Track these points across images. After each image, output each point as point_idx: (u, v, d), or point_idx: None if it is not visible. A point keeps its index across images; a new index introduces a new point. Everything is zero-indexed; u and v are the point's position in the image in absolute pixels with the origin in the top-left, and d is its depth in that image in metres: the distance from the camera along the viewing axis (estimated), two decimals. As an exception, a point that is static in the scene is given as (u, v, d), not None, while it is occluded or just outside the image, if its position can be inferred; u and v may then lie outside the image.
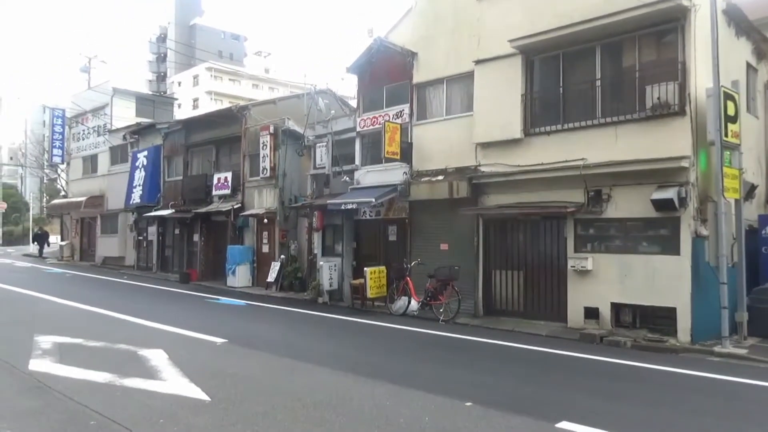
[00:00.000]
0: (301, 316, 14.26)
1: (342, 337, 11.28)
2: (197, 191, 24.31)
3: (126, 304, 15.06)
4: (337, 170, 18.04)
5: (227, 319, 13.34)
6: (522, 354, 9.72)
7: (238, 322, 12.83)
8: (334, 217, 17.93)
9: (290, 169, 20.68)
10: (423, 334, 11.66)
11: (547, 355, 9.61)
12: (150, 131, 28.20)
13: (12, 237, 55.03)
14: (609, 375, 8.29)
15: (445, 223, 14.66)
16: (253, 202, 21.73)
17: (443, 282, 13.52)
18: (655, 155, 10.96)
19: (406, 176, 15.50)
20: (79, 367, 7.57)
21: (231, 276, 21.01)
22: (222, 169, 23.72)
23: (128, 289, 19.59)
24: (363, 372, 7.72)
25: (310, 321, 13.43)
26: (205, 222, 24.15)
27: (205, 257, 24.21)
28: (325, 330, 12.17)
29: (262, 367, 8.03)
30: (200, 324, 11.74)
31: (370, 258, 17.03)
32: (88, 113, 33.61)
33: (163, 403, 6.12)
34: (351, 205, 15.94)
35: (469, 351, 10.06)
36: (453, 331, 11.86)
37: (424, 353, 9.71)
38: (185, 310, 14.59)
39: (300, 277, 19.29)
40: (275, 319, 13.71)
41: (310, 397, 6.45)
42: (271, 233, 21.10)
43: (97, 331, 10.44)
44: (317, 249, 18.73)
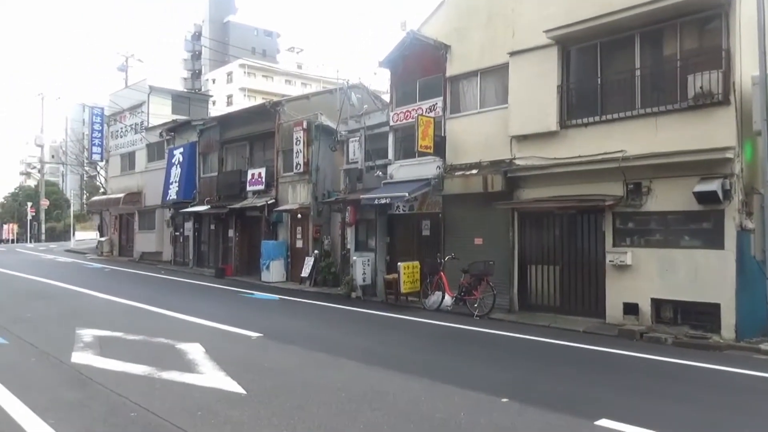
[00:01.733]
0: (334, 311, 14.26)
1: (376, 332, 11.27)
2: (232, 187, 24.52)
3: (163, 298, 15.28)
4: (370, 165, 18.01)
5: (262, 313, 13.42)
6: (559, 350, 9.59)
7: (272, 317, 12.89)
8: (367, 212, 17.90)
9: (323, 164, 20.73)
10: (457, 329, 11.60)
11: (584, 351, 9.49)
12: (185, 128, 28.59)
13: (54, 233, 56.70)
14: (649, 372, 8.14)
15: (479, 218, 14.58)
16: (286, 198, 21.83)
17: (478, 277, 13.45)
18: (697, 146, 10.71)
19: (439, 170, 15.44)
20: (119, 359, 7.72)
21: (265, 271, 21.14)
22: (256, 165, 23.90)
23: (165, 284, 19.83)
24: (397, 367, 7.69)
25: (344, 316, 13.43)
26: (239, 217, 24.37)
27: (240, 252, 24.45)
28: (358, 325, 12.18)
29: (297, 362, 8.05)
30: (235, 318, 11.81)
31: (404, 253, 16.97)
32: (125, 111, 34.29)
33: (200, 396, 6.19)
34: (384, 199, 15.91)
35: (504, 347, 9.96)
36: (488, 327, 11.77)
37: (459, 349, 9.64)
38: (221, 305, 14.69)
39: (333, 272, 19.34)
40: (309, 313, 13.73)
41: (345, 392, 6.44)
42: (304, 228, 21.17)
43: (136, 325, 10.60)
44: (350, 244, 18.71)
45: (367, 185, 18.00)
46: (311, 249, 20.53)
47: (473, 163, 14.77)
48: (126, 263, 29.52)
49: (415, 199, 16.19)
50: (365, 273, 17.17)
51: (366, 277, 17.17)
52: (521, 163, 13.60)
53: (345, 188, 19.07)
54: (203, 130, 27.27)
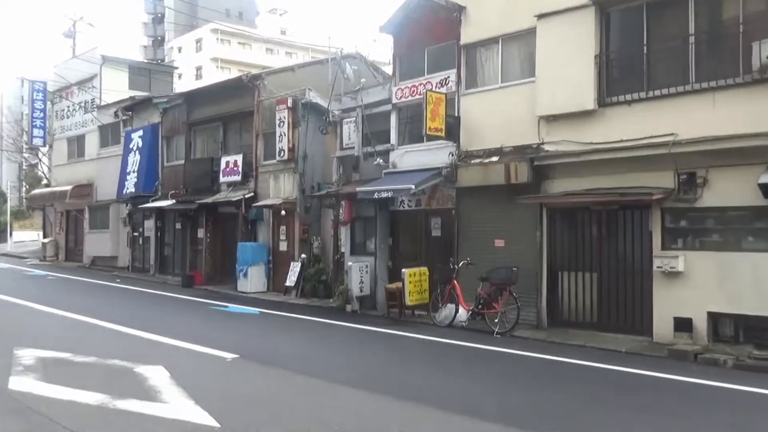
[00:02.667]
0: (325, 327, 14.38)
1: (376, 353, 11.36)
2: (202, 178, 24.71)
3: (119, 312, 15.31)
4: (368, 151, 18.01)
5: (238, 330, 13.53)
6: (598, 374, 9.67)
7: (251, 334, 13.01)
8: (365, 207, 18.01)
9: (312, 150, 20.84)
10: (475, 349, 11.68)
11: (628, 376, 9.51)
12: (146, 107, 28.74)
13: (-13, 233, 56.66)
14: (706, 401, 8.19)
15: (500, 215, 14.67)
16: (268, 191, 21.89)
17: (498, 287, 13.56)
18: (764, 129, 10.66)
19: (452, 158, 15.52)
20: (67, 386, 7.72)
21: (242, 279, 21.32)
22: (231, 152, 24.05)
23: (122, 295, 19.94)
24: (403, 395, 7.73)
25: (337, 333, 13.55)
26: (211, 215, 24.57)
27: (212, 257, 24.68)
28: (355, 344, 12.27)
29: (281, 388, 8.12)
30: (207, 336, 11.91)
31: (409, 257, 17.10)
32: (73, 86, 34.39)
33: (164, 430, 6.17)
34: (386, 193, 15.99)
35: (532, 371, 10.03)
36: (511, 347, 11.81)
37: (477, 373, 9.72)
38: (189, 320, 14.83)
39: (324, 281, 19.43)
40: (295, 330, 13.86)
41: (340, 425, 6.44)
42: (289, 228, 21.28)
43: (86, 344, 10.65)
44: (345, 247, 18.79)
45: (365, 176, 18.04)
46: (298, 253, 20.63)
47: (493, 149, 14.83)
48: (74, 270, 29.62)
49: (423, 192, 16.23)
50: (363, 282, 17.26)
51: (364, 286, 17.25)
52: (551, 148, 13.66)
53: (338, 179, 19.11)
54: (167, 109, 27.43)
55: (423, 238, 17.00)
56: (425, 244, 16.92)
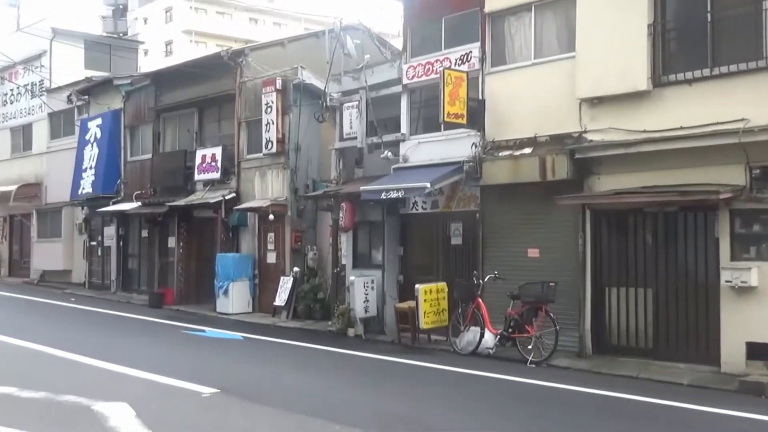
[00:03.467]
0: (324, 356, 14.42)
1: (387, 387, 11.33)
2: (173, 176, 24.60)
3: (75, 337, 15.33)
4: (374, 142, 17.97)
5: (218, 359, 13.54)
6: (657, 412, 9.62)
7: (233, 364, 13.00)
8: (370, 211, 18.00)
9: (306, 141, 20.83)
10: (505, 382, 11.67)
11: (695, 415, 9.51)
12: (105, 90, 28.79)
13: None
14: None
15: (534, 219, 14.70)
16: (253, 191, 21.92)
17: (533, 306, 13.55)
18: None
19: (476, 149, 15.56)
20: (10, 427, 7.66)
21: (222, 297, 21.29)
22: (208, 143, 23.96)
23: (78, 317, 19.95)
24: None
25: (338, 363, 13.57)
26: (184, 220, 24.53)
27: (185, 271, 24.61)
28: (360, 376, 12.24)
29: (271, 431, 7.97)
30: (180, 366, 11.93)
31: (424, 270, 17.07)
32: (17, 65, 34.46)
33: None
34: (395, 192, 15.96)
35: (574, 408, 10.01)
36: (549, 379, 11.73)
37: (508, 411, 9.71)
38: (158, 347, 14.83)
39: (321, 300, 19.40)
40: (286, 359, 13.88)
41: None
42: (279, 235, 21.17)
43: (35, 377, 10.62)
44: (346, 258, 18.71)
45: (371, 172, 18.01)
46: (289, 265, 20.54)
47: (525, 138, 14.83)
48: (19, 287, 29.73)
49: (441, 191, 16.22)
50: (368, 300, 17.25)
51: (369, 306, 17.25)
52: (595, 138, 13.69)
53: (338, 176, 19.06)
54: (131, 92, 27.48)
55: (441, 247, 16.99)
56: (443, 255, 16.89)
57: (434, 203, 16.85)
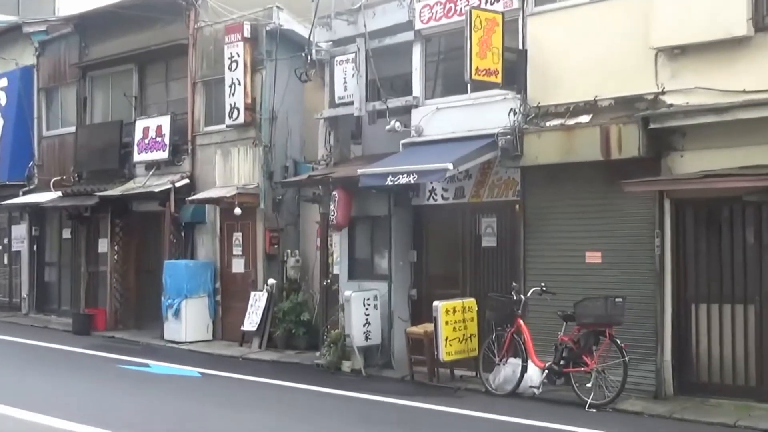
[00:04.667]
0: (310, 399, 14.02)
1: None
2: (105, 156, 23.62)
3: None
4: (377, 109, 16.96)
5: (168, 405, 13.09)
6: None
7: (188, 412, 12.51)
8: (372, 201, 17.18)
9: (285, 108, 19.86)
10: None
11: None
12: (12, 40, 27.58)
13: None
14: None
15: (594, 211, 14.08)
16: (212, 176, 20.95)
17: (593, 330, 12.92)
18: None
19: (515, 118, 14.66)
20: None
21: (172, 320, 20.37)
22: (152, 112, 23.10)
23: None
24: None
25: (329, 410, 13.08)
26: (120, 216, 23.56)
27: (123, 284, 23.62)
28: (360, 428, 11.76)
29: None
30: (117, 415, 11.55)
31: (446, 282, 16.37)
32: None
33: None
34: (406, 177, 14.94)
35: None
36: (617, 429, 11.33)
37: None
38: (87, 388, 14.36)
39: (307, 322, 18.53)
40: (261, 405, 13.32)
41: None
42: (248, 236, 20.25)
43: None
44: (339, 266, 17.76)
45: (372, 149, 17.32)
46: (263, 276, 19.59)
47: (582, 103, 14.14)
48: None
49: (468, 175, 15.53)
50: (369, 323, 16.25)
51: (371, 331, 16.28)
52: (677, 101, 12.96)
53: (328, 156, 18.14)
54: (46, 43, 26.37)
55: (468, 250, 16.13)
56: (471, 261, 16.09)
57: (459, 191, 16.02)
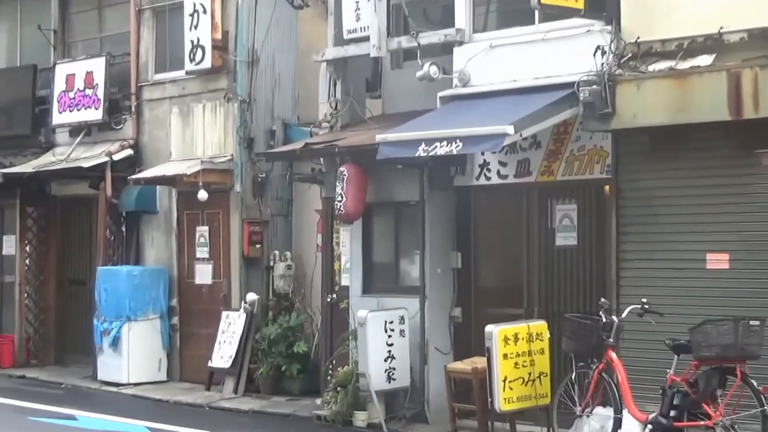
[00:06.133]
0: None
1: None
2: (10, 116, 22.00)
3: None
4: (402, 46, 15.46)
5: None
6: None
7: None
8: (395, 180, 15.68)
9: (271, 46, 18.09)
10: None
11: None
12: None
13: None
14: None
15: (719, 195, 12.95)
16: (166, 144, 19.06)
17: (717, 366, 11.63)
18: None
19: (603, 60, 13.32)
20: None
21: (108, 352, 18.30)
22: (79, 53, 21.14)
23: None
24: None
25: None
26: (34, 202, 21.84)
27: (38, 301, 21.59)
28: None
29: None
30: None
31: (502, 297, 14.94)
32: None
33: None
34: (446, 144, 13.25)
35: None
36: None
37: None
38: None
39: (302, 356, 16.65)
40: None
41: None
42: (219, 230, 18.38)
43: None
44: (350, 275, 16.13)
45: (396, 105, 16.00)
46: (239, 290, 17.58)
47: (700, 37, 12.71)
48: None
49: (535, 142, 14.13)
50: (393, 357, 14.53)
51: (396, 368, 14.50)
52: None
53: (333, 115, 16.36)
54: None
55: (535, 251, 14.55)
56: (541, 267, 14.55)
57: (522, 166, 14.35)
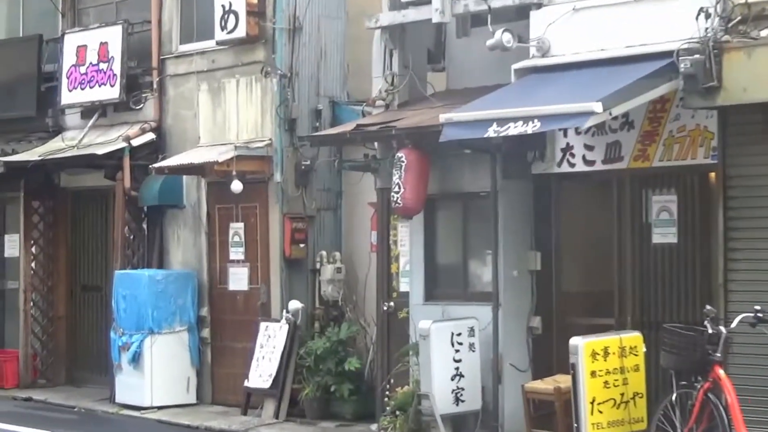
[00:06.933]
0: None
1: None
2: (12, 95, 20.64)
3: None
4: (471, 10, 14.19)
5: None
6: None
7: None
8: (462, 167, 14.78)
9: (315, 10, 16.80)
10: None
11: None
12: None
13: None
14: None
15: None
16: (192, 127, 17.73)
17: None
18: None
19: (707, 24, 12.28)
20: None
21: (128, 370, 16.94)
22: (91, 20, 19.77)
23: None
24: None
25: None
26: (42, 196, 20.34)
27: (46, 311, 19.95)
28: None
29: None
30: None
31: (589, 304, 14.19)
32: None
33: None
34: (522, 124, 12.25)
35: None
36: None
37: None
38: None
39: (354, 374, 15.52)
40: None
41: None
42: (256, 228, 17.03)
43: None
44: (410, 279, 15.22)
45: (463, 80, 15.01)
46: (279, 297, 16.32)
47: None
48: None
49: (627, 122, 13.19)
50: (461, 375, 13.64)
51: (465, 387, 13.56)
52: None
53: (389, 91, 15.28)
54: None
55: (628, 249, 13.65)
56: (635, 269, 13.62)
57: (612, 150, 13.29)
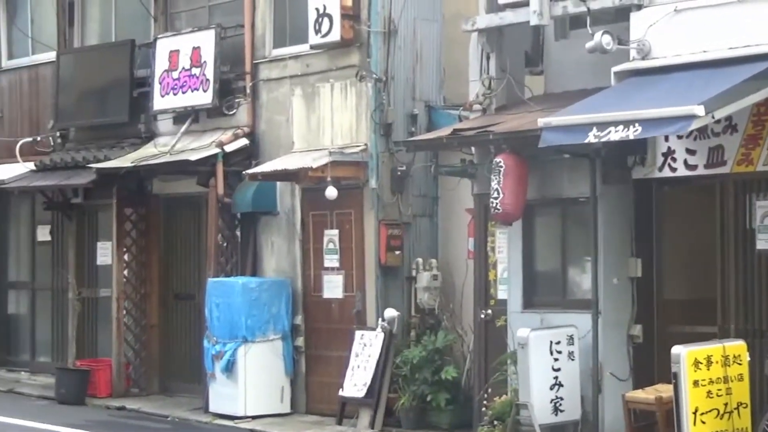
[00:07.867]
0: None
1: None
2: (105, 101, 19.99)
3: None
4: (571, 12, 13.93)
5: None
6: None
7: None
8: (562, 173, 14.59)
9: (410, 13, 16.66)
10: None
11: None
12: None
13: None
14: None
15: None
16: (286, 133, 17.60)
17: None
18: None
19: None
20: None
21: (222, 379, 16.84)
22: (183, 25, 19.59)
23: None
24: None
25: None
26: (134, 203, 19.81)
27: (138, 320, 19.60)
28: None
29: None
30: None
31: (692, 312, 13.98)
32: None
33: None
34: (623, 128, 12.06)
35: None
36: None
37: None
38: None
39: (451, 383, 15.22)
40: None
41: None
42: (351, 234, 17.04)
43: None
44: (508, 286, 14.95)
45: (562, 83, 14.87)
46: (375, 305, 16.31)
47: None
48: None
49: (731, 125, 12.86)
50: (560, 384, 13.44)
51: (564, 397, 13.41)
52: None
53: (486, 95, 15.09)
54: None
55: (732, 256, 13.41)
56: (739, 275, 13.37)
57: (715, 154, 12.96)
